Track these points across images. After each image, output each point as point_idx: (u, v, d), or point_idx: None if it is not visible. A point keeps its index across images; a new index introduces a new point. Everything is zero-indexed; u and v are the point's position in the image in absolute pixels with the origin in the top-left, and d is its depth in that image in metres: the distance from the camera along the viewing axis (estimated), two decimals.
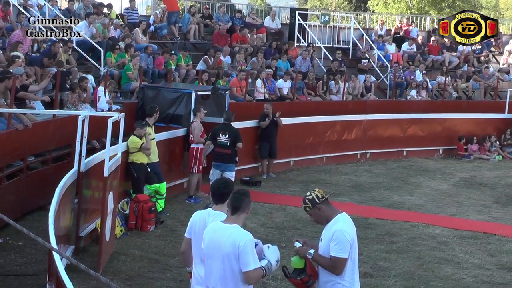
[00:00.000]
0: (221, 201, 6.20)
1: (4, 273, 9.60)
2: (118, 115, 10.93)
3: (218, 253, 5.68)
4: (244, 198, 5.83)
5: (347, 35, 26.16)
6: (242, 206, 5.80)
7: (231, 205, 5.81)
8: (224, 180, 6.85)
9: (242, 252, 5.60)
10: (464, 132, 22.36)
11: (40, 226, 11.00)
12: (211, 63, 20.19)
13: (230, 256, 5.62)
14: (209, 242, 5.76)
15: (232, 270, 5.64)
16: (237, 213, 5.79)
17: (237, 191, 5.94)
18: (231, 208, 5.80)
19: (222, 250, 5.66)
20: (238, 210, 5.79)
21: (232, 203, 5.82)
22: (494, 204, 15.83)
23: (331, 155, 19.82)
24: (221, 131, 14.30)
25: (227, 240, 5.65)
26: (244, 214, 5.84)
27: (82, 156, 10.77)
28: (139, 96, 16.62)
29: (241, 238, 5.64)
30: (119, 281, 9.35)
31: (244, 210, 5.82)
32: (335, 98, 21.79)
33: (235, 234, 5.67)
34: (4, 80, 12.23)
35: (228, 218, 5.82)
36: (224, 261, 5.65)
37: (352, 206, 14.65)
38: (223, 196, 6.17)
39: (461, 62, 26.41)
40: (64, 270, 6.34)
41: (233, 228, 5.73)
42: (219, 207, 6.21)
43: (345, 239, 5.94)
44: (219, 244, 5.68)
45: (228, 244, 5.63)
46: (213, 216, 6.16)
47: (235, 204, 5.80)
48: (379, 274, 10.32)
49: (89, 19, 18.76)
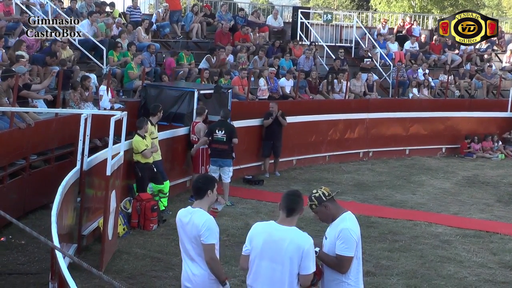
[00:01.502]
0: (199, 197, 6.29)
1: (7, 272, 9.61)
2: (120, 113, 10.94)
3: (277, 256, 5.67)
4: (298, 200, 5.84)
5: (349, 34, 26.13)
6: (298, 208, 5.81)
7: (286, 207, 5.80)
8: (204, 176, 6.95)
9: (305, 255, 5.64)
10: (466, 131, 22.34)
11: (43, 224, 11.01)
12: (214, 62, 20.18)
13: (293, 260, 5.63)
14: (265, 243, 5.73)
15: (291, 273, 5.66)
16: (293, 215, 5.80)
17: (291, 193, 5.94)
18: (287, 210, 5.80)
19: (285, 253, 5.65)
20: (293, 212, 5.80)
21: (287, 205, 5.81)
22: (497, 202, 15.82)
23: (334, 153, 19.81)
24: (217, 127, 14.33)
25: (290, 243, 5.66)
26: (297, 216, 5.85)
27: (84, 155, 10.78)
28: (141, 95, 16.63)
29: (306, 242, 5.69)
30: (122, 279, 9.36)
31: (298, 211, 5.83)
32: (337, 96, 21.77)
33: (299, 238, 5.71)
34: (6, 79, 12.24)
35: (284, 220, 5.81)
36: (284, 264, 5.65)
37: (354, 204, 14.63)
38: (200, 192, 6.27)
39: (464, 61, 26.38)
40: (67, 269, 6.35)
41: (294, 230, 5.75)
42: (198, 203, 6.28)
43: (352, 237, 5.95)
44: (280, 246, 5.67)
45: (293, 248, 5.64)
46: (191, 213, 6.22)
47: (290, 206, 5.80)
48: (382, 273, 10.33)
49: (92, 18, 18.76)
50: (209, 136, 14.31)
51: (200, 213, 6.19)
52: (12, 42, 16.01)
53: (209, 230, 6.10)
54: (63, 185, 9.44)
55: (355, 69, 23.68)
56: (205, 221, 6.13)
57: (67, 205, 9.74)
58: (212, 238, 6.10)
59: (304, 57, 22.48)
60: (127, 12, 22.07)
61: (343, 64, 23.11)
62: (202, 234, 6.09)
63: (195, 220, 6.14)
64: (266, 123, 17.19)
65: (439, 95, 24.67)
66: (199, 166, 14.50)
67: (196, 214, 6.20)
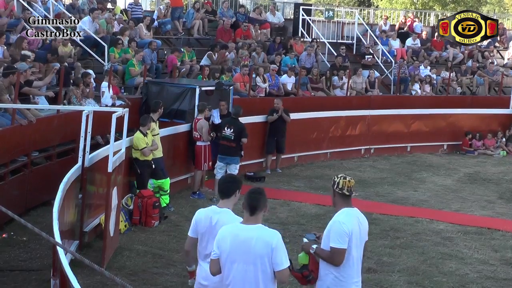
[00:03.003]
0: (227, 196, 6.20)
1: (9, 268, 9.63)
2: (122, 110, 10.94)
3: (247, 256, 5.56)
4: (260, 197, 5.74)
5: (351, 31, 26.09)
6: (260, 205, 5.71)
7: (248, 205, 5.70)
8: (231, 175, 6.91)
9: (275, 251, 5.53)
10: (468, 128, 22.33)
11: (44, 221, 11.02)
12: (215, 59, 20.17)
13: (263, 258, 5.53)
14: (232, 245, 5.62)
15: (265, 272, 5.56)
16: (256, 213, 5.69)
17: (253, 191, 5.82)
18: (249, 208, 5.69)
19: (253, 252, 5.54)
20: (256, 210, 5.69)
21: (249, 203, 5.71)
22: (498, 199, 15.82)
23: (335, 150, 19.80)
24: (227, 125, 14.37)
25: (257, 241, 5.55)
26: (262, 213, 5.74)
27: (86, 152, 10.78)
28: (143, 92, 16.62)
29: (273, 237, 5.58)
30: (123, 276, 9.36)
31: (262, 209, 5.72)
32: (339, 93, 21.76)
33: (265, 234, 5.60)
34: (8, 76, 12.24)
35: (247, 218, 5.71)
36: (256, 264, 5.55)
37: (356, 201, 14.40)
38: (228, 191, 6.18)
39: (466, 58, 26.36)
40: (69, 265, 6.35)
41: (260, 228, 5.65)
42: (225, 202, 6.19)
43: (342, 229, 5.99)
44: (248, 246, 5.56)
45: (261, 245, 5.54)
46: (219, 214, 6.14)
47: (252, 203, 5.70)
48: (383, 270, 10.33)
49: (93, 14, 18.75)
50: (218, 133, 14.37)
51: (229, 214, 6.12)
52: (13, 39, 16.01)
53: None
54: (65, 182, 9.45)
55: (357, 66, 23.64)
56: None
57: (69, 202, 9.74)
58: None
59: (306, 54, 22.46)
60: (128, 8, 22.06)
61: (345, 61, 23.09)
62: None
63: (225, 221, 6.03)
64: (271, 119, 17.22)
65: (441, 92, 24.65)
66: (201, 163, 14.50)
67: (225, 215, 6.12)
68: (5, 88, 12.10)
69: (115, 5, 21.70)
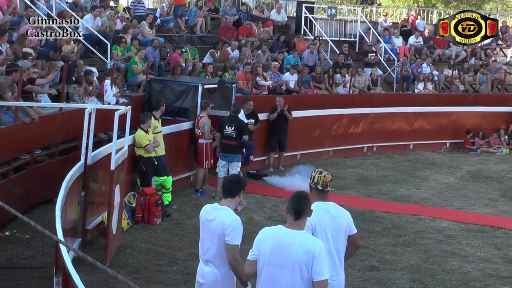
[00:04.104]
0: (230, 196, 6.19)
1: (11, 266, 9.63)
2: (124, 108, 10.95)
3: (287, 261, 5.44)
4: (306, 202, 5.63)
5: (353, 28, 26.09)
6: (306, 209, 5.60)
7: (293, 209, 5.57)
8: (237, 176, 6.91)
9: (316, 260, 5.40)
10: (471, 126, 22.32)
11: (47, 219, 11.02)
12: (218, 56, 20.17)
13: (302, 265, 5.41)
14: (273, 248, 5.50)
15: (302, 279, 5.43)
16: (301, 218, 5.57)
17: (298, 195, 5.69)
18: (294, 212, 5.56)
19: (294, 258, 5.42)
20: (301, 214, 5.57)
21: (294, 207, 5.57)
22: (501, 197, 15.81)
23: (338, 148, 19.80)
24: (227, 123, 14.37)
25: (299, 248, 5.43)
26: (306, 218, 5.65)
27: (89, 149, 10.79)
28: (145, 90, 16.63)
29: (316, 246, 5.46)
30: (126, 274, 9.37)
31: (306, 214, 5.62)
32: (341, 91, 21.75)
33: (308, 242, 5.49)
34: (11, 74, 12.25)
35: (292, 223, 5.57)
36: (294, 270, 5.42)
37: (358, 199, 14.65)
38: (233, 191, 6.17)
39: (468, 55, 26.33)
40: (71, 263, 6.36)
41: (303, 234, 5.55)
42: (227, 201, 6.18)
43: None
44: (289, 251, 5.44)
45: (302, 252, 5.42)
46: (217, 210, 6.14)
47: (298, 208, 5.57)
48: (386, 267, 10.33)
49: (95, 12, 18.75)
50: (219, 132, 14.36)
51: (227, 211, 6.09)
52: (16, 37, 16.01)
53: (235, 231, 5.99)
54: (67, 180, 9.46)
55: (359, 63, 23.65)
56: (232, 221, 6.02)
57: (71, 200, 9.75)
58: (237, 239, 5.99)
59: (308, 52, 22.45)
60: (131, 6, 22.06)
61: (347, 59, 23.08)
62: (228, 234, 5.99)
63: (222, 218, 6.05)
64: (272, 117, 17.23)
65: (444, 89, 24.63)
66: (203, 161, 14.51)
67: (222, 212, 6.10)
68: (8, 86, 12.10)
69: (118, 3, 21.70)
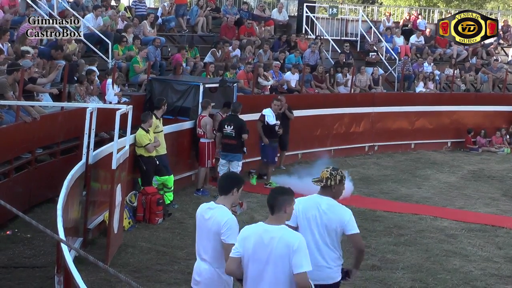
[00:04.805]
0: (224, 193, 6.21)
1: (13, 265, 9.64)
2: (126, 107, 10.95)
3: (269, 257, 5.52)
4: (277, 196, 5.68)
5: (355, 28, 26.07)
6: (276, 204, 5.64)
7: (267, 204, 5.69)
8: (232, 173, 6.92)
9: (295, 253, 5.47)
10: (472, 125, 22.32)
11: (49, 218, 11.02)
12: (219, 56, 20.17)
13: (284, 259, 5.48)
14: (256, 246, 5.58)
15: (285, 273, 5.50)
16: (275, 212, 5.64)
17: (273, 190, 5.83)
18: (269, 207, 5.68)
19: (275, 253, 5.51)
20: (273, 209, 5.64)
21: (267, 202, 5.69)
22: (502, 197, 15.80)
23: (339, 147, 19.79)
24: (227, 122, 14.39)
25: (279, 242, 5.51)
26: (282, 213, 5.67)
27: (90, 149, 10.79)
28: (147, 89, 16.63)
29: (295, 239, 5.53)
30: (127, 273, 9.37)
31: (281, 209, 5.64)
32: (343, 90, 21.75)
33: (287, 236, 5.56)
34: (12, 73, 12.25)
35: (270, 218, 5.66)
36: (277, 265, 5.51)
37: (359, 198, 14.64)
38: (226, 189, 6.19)
39: (470, 55, 26.31)
40: (73, 262, 6.37)
41: (283, 229, 5.61)
42: (222, 199, 6.20)
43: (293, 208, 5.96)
44: (270, 247, 5.53)
45: (282, 246, 5.49)
46: (213, 209, 6.15)
47: (269, 202, 5.68)
48: (387, 267, 10.33)
49: (96, 11, 18.75)
50: (219, 131, 14.37)
51: (223, 210, 6.10)
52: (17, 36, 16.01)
53: (230, 230, 6.01)
54: (69, 179, 9.46)
55: (361, 63, 23.64)
56: (227, 220, 6.04)
57: (73, 199, 9.76)
58: (233, 238, 5.97)
59: (310, 51, 22.44)
60: (132, 5, 22.06)
61: (349, 58, 23.08)
62: (224, 233, 6.01)
63: (218, 217, 6.07)
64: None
65: (445, 89, 24.62)
66: (205, 160, 14.51)
67: (218, 210, 6.11)
68: (9, 85, 12.11)
69: (119, 2, 21.70)
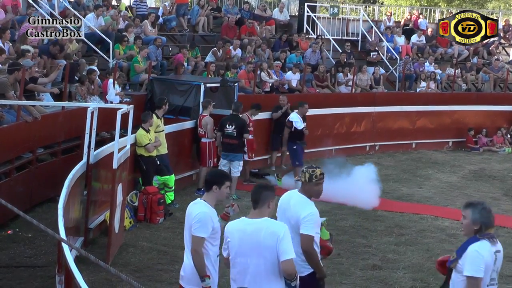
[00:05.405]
0: (206, 189, 6.37)
1: (14, 265, 9.65)
2: (127, 107, 10.96)
3: (256, 249, 5.65)
4: (261, 191, 5.83)
5: (356, 27, 26.05)
6: (260, 198, 5.77)
7: (251, 199, 5.85)
8: (216, 171, 7.10)
9: (281, 241, 5.61)
10: (473, 125, 22.32)
11: (49, 218, 11.03)
12: (220, 55, 20.17)
13: (272, 249, 5.62)
14: (241, 240, 5.71)
15: (273, 264, 5.64)
16: (258, 206, 5.78)
17: (257, 185, 6.03)
18: (252, 202, 5.84)
19: (262, 244, 5.64)
20: (257, 203, 5.78)
21: (251, 197, 5.85)
22: (504, 196, 15.80)
23: (340, 147, 19.78)
24: (228, 122, 14.38)
25: (265, 233, 5.65)
26: (265, 207, 5.80)
27: (91, 148, 10.80)
28: (148, 88, 16.64)
29: (280, 228, 5.70)
30: (128, 273, 9.38)
31: (264, 203, 5.78)
32: (344, 90, 21.75)
33: (272, 226, 5.71)
34: (13, 72, 12.26)
35: (253, 213, 5.82)
36: (264, 256, 5.64)
37: None
38: (206, 184, 6.36)
39: (471, 54, 26.30)
40: (74, 262, 6.37)
41: (266, 221, 5.75)
42: (205, 196, 6.36)
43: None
44: (256, 239, 5.66)
45: (268, 235, 5.63)
46: (193, 205, 6.36)
47: (253, 197, 5.83)
48: (388, 267, 10.33)
49: (97, 11, 18.75)
50: (220, 131, 14.36)
51: (199, 204, 6.26)
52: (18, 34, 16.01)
53: (199, 222, 6.14)
54: (70, 178, 9.47)
55: (362, 62, 23.63)
56: (198, 213, 6.18)
57: (74, 199, 9.76)
58: (201, 231, 6.12)
59: (311, 51, 22.44)
60: (133, 5, 22.07)
61: (350, 58, 23.07)
62: (193, 225, 6.18)
63: (192, 211, 6.27)
64: (275, 116, 17.20)
65: (446, 88, 24.61)
66: (206, 160, 14.51)
67: (195, 205, 6.30)
68: (10, 85, 12.11)
69: (120, 2, 21.70)
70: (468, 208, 5.75)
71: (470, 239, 5.77)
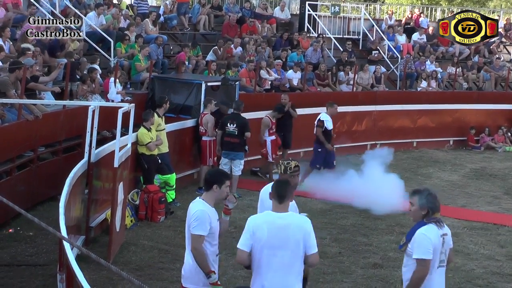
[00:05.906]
0: (206, 189, 6.41)
1: (15, 263, 9.66)
2: (128, 106, 10.96)
3: (287, 242, 5.79)
4: (287, 187, 5.99)
5: (357, 26, 26.04)
6: (287, 194, 5.93)
7: (276, 194, 5.94)
8: (216, 170, 7.13)
9: (309, 235, 5.84)
10: (474, 123, 22.31)
11: (51, 216, 11.04)
12: (221, 54, 20.17)
13: (299, 242, 5.80)
14: (270, 233, 5.81)
15: (299, 256, 5.82)
16: (284, 201, 5.92)
17: (280, 181, 6.18)
18: (277, 197, 5.94)
19: (293, 238, 5.79)
20: (284, 198, 5.92)
21: (277, 192, 5.95)
22: (505, 195, 15.80)
23: (341, 146, 19.75)
24: (229, 120, 14.37)
25: (294, 227, 5.82)
26: (289, 202, 6.00)
27: (92, 147, 10.80)
28: (149, 87, 16.64)
29: (307, 222, 5.91)
30: (129, 271, 9.38)
31: (289, 198, 5.97)
32: (345, 88, 21.74)
33: (299, 220, 5.93)
34: (14, 71, 12.26)
35: (277, 207, 5.93)
36: (294, 249, 5.80)
37: None
38: (206, 184, 6.40)
39: (472, 53, 26.29)
40: (75, 260, 6.37)
41: (293, 215, 5.98)
42: (204, 195, 6.40)
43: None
44: (286, 233, 5.80)
45: (297, 230, 5.81)
46: (192, 203, 6.40)
47: (280, 192, 5.94)
48: (389, 265, 10.33)
49: (98, 10, 18.75)
50: (221, 129, 14.35)
51: (197, 203, 6.33)
52: (19, 34, 16.02)
53: (197, 221, 6.21)
54: (71, 177, 9.48)
55: (363, 61, 23.63)
56: (196, 211, 6.25)
57: (75, 197, 9.77)
58: (199, 229, 6.19)
59: (312, 49, 22.43)
60: (134, 4, 22.08)
61: (351, 56, 23.06)
62: (191, 224, 6.26)
63: (190, 209, 6.35)
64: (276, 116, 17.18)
65: (447, 87, 24.61)
66: (207, 158, 14.51)
67: (193, 203, 6.36)
68: (11, 84, 12.12)
69: (121, 1, 21.70)
70: (415, 195, 6.35)
71: (418, 223, 6.34)
